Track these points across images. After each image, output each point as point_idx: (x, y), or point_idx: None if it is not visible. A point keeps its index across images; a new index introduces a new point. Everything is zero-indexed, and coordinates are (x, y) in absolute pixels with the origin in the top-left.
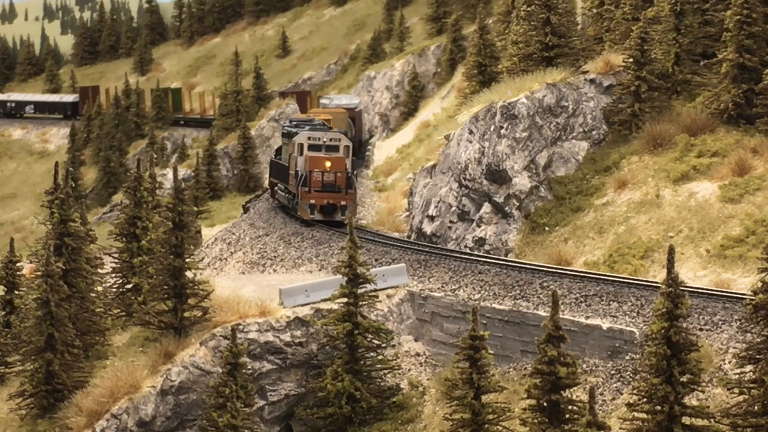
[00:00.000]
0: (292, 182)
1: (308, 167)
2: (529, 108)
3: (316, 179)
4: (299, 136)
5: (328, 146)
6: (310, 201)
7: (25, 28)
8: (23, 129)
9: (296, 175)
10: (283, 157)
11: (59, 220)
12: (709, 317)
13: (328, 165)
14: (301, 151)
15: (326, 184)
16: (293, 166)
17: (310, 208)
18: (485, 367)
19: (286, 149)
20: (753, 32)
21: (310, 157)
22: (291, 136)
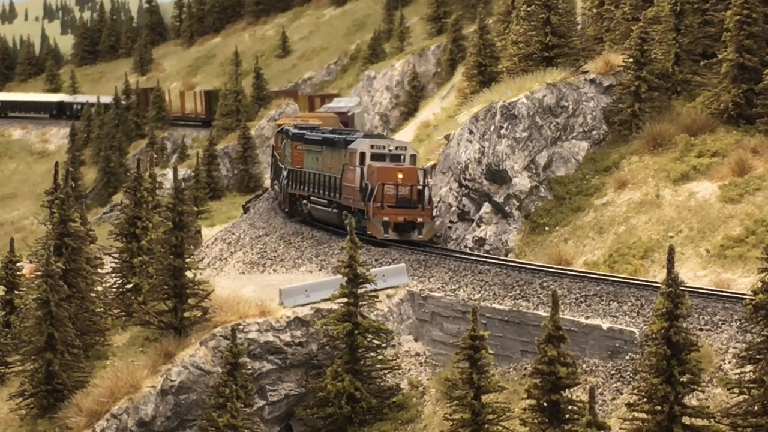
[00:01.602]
0: (351, 196)
1: (378, 180)
2: (529, 108)
3: (389, 193)
4: (358, 143)
5: (392, 155)
6: (384, 218)
7: (25, 28)
8: (23, 129)
9: (361, 188)
10: (284, 155)
11: (59, 220)
12: (709, 317)
13: (400, 177)
14: (363, 160)
15: (401, 198)
16: (350, 178)
17: (383, 227)
18: (485, 367)
19: (287, 150)
20: (753, 32)
21: (379, 169)
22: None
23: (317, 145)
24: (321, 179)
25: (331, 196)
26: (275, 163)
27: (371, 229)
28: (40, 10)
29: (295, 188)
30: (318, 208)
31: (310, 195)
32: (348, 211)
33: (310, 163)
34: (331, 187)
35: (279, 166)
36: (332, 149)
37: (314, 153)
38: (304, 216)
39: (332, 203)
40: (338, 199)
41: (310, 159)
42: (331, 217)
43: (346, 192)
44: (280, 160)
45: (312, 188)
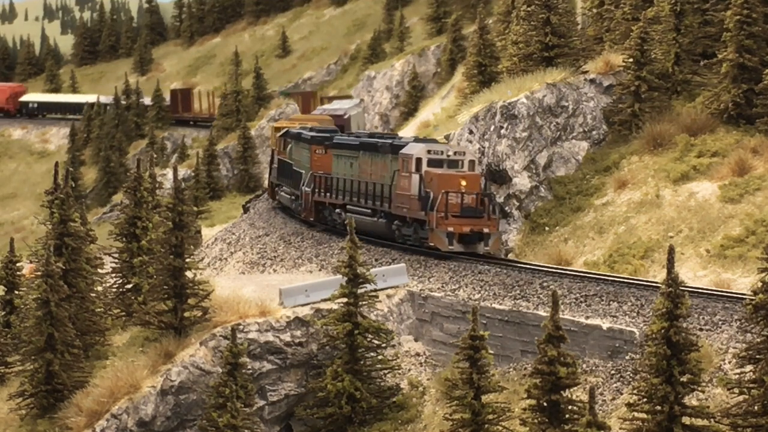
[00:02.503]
0: (405, 205)
1: (440, 187)
2: (529, 108)
3: (453, 202)
4: (412, 148)
5: (450, 161)
6: (448, 229)
7: (25, 28)
8: (23, 129)
9: (419, 196)
10: (299, 160)
11: (59, 220)
12: (709, 317)
13: (463, 184)
14: (419, 167)
15: (466, 208)
16: (404, 185)
17: (447, 238)
18: (485, 367)
19: (302, 154)
20: (753, 32)
21: (440, 176)
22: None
23: (352, 149)
24: (360, 187)
25: (375, 205)
26: (282, 167)
27: (434, 241)
28: (40, 10)
29: (324, 196)
30: (359, 218)
31: (347, 204)
32: (400, 221)
33: (342, 169)
34: (376, 196)
35: (291, 169)
36: (373, 154)
37: (347, 158)
38: (335, 226)
39: (377, 213)
40: (387, 209)
41: (342, 165)
42: (378, 227)
43: (398, 200)
44: (295, 165)
45: (348, 196)
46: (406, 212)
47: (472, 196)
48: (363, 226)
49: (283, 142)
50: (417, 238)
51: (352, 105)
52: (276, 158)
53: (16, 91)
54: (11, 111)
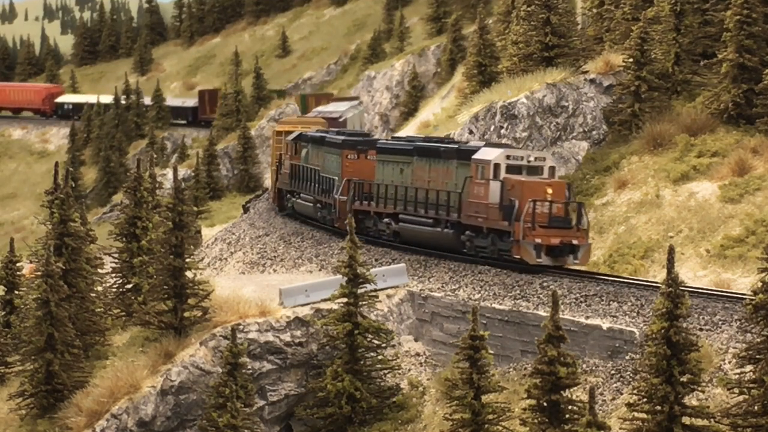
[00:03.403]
0: (481, 214)
1: (526, 195)
2: (529, 108)
3: (541, 212)
4: (489, 153)
5: (530, 167)
6: (536, 240)
7: (25, 28)
8: (23, 129)
9: (501, 205)
10: (325, 166)
11: (59, 220)
12: (709, 317)
13: (550, 192)
14: (497, 173)
15: (555, 218)
16: (479, 193)
17: (535, 250)
18: (485, 367)
19: (327, 159)
20: (753, 32)
21: (525, 183)
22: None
23: (402, 155)
24: (416, 195)
25: (439, 214)
26: (298, 173)
27: (520, 253)
28: (40, 10)
29: (365, 204)
30: (417, 228)
31: (399, 213)
32: (473, 231)
33: (389, 176)
34: (440, 205)
35: (316, 176)
36: (433, 160)
37: (396, 164)
38: (380, 236)
39: (441, 222)
40: (455, 218)
41: (389, 171)
42: (442, 238)
43: (472, 209)
44: (322, 171)
45: (400, 205)
46: (482, 222)
47: (561, 205)
48: (421, 237)
49: (295, 146)
50: (494, 250)
51: (348, 107)
52: (288, 163)
53: (53, 92)
54: (47, 112)
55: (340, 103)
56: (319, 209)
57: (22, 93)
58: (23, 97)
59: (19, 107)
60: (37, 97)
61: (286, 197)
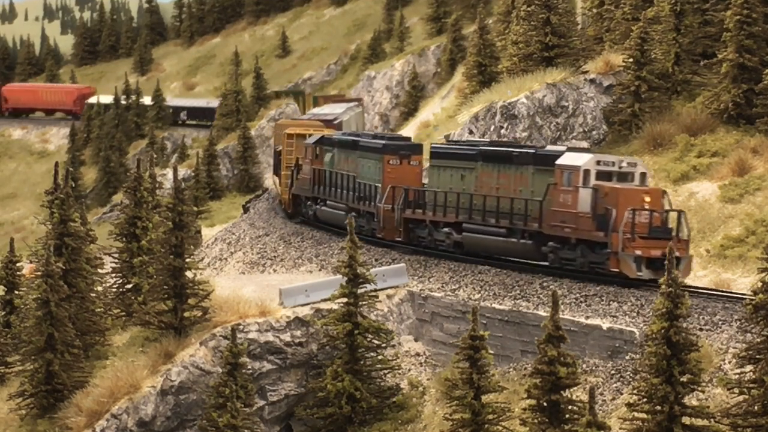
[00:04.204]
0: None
1: (622, 204)
2: (529, 108)
3: (641, 221)
4: (577, 159)
5: (620, 173)
6: (636, 252)
7: (25, 28)
8: (23, 129)
9: (594, 215)
10: (361, 172)
11: (59, 220)
12: (709, 317)
13: (647, 200)
14: (587, 180)
15: (655, 228)
16: (565, 201)
17: (636, 263)
18: (485, 367)
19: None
20: (753, 32)
21: (621, 191)
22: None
23: (465, 160)
24: (485, 203)
25: (514, 223)
26: (323, 178)
27: (619, 266)
28: (40, 10)
29: (420, 213)
30: (486, 238)
31: (463, 222)
32: (558, 242)
33: (447, 182)
34: (514, 213)
35: (350, 182)
36: (504, 165)
37: (456, 169)
38: (436, 246)
39: (517, 232)
40: (535, 227)
41: (447, 177)
42: (518, 248)
43: (556, 219)
44: (359, 177)
45: (464, 214)
46: (570, 232)
47: (661, 215)
48: (492, 248)
49: (316, 150)
50: (584, 262)
51: (344, 109)
52: (308, 168)
53: (84, 93)
54: (78, 113)
55: (337, 105)
56: (354, 218)
57: (54, 94)
58: (55, 98)
59: (51, 108)
60: (68, 98)
61: (306, 204)
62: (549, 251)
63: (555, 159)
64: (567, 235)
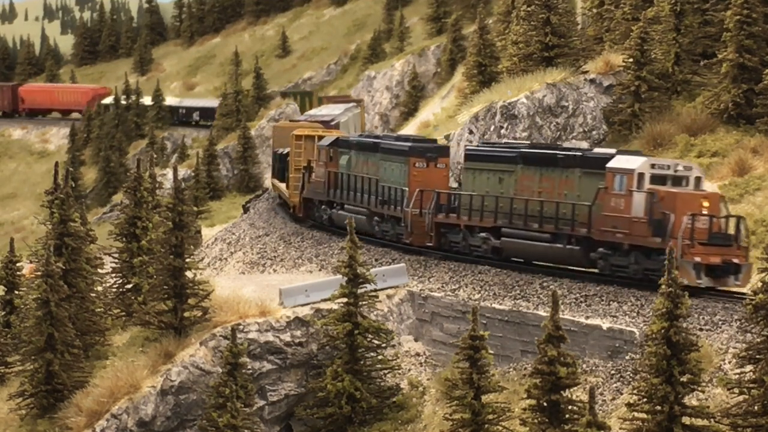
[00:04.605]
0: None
1: (682, 209)
2: (529, 108)
3: (700, 227)
4: (630, 162)
5: (675, 177)
6: (695, 259)
7: (25, 28)
8: (23, 129)
9: (649, 219)
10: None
11: (59, 220)
12: (709, 317)
13: (706, 205)
14: (640, 184)
15: (715, 234)
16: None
17: (695, 270)
18: (485, 367)
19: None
20: (753, 32)
21: (678, 195)
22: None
23: (503, 162)
24: (526, 207)
25: (560, 228)
26: (341, 181)
27: (681, 273)
28: (40, 10)
29: (454, 218)
30: (528, 243)
31: (502, 227)
32: (609, 248)
33: (483, 185)
34: (561, 218)
35: (374, 186)
36: (546, 168)
37: (493, 172)
38: (469, 252)
39: (563, 238)
40: (583, 233)
41: (483, 180)
42: (564, 255)
43: (607, 224)
44: (382, 181)
45: (503, 218)
46: (623, 238)
47: (721, 220)
48: (535, 254)
49: (330, 153)
50: (638, 269)
51: (343, 110)
52: (322, 171)
53: (99, 93)
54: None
55: (335, 106)
56: (377, 223)
57: (70, 94)
58: (71, 99)
59: (67, 109)
60: (83, 98)
61: (320, 208)
62: (599, 257)
63: (604, 162)
64: (619, 241)
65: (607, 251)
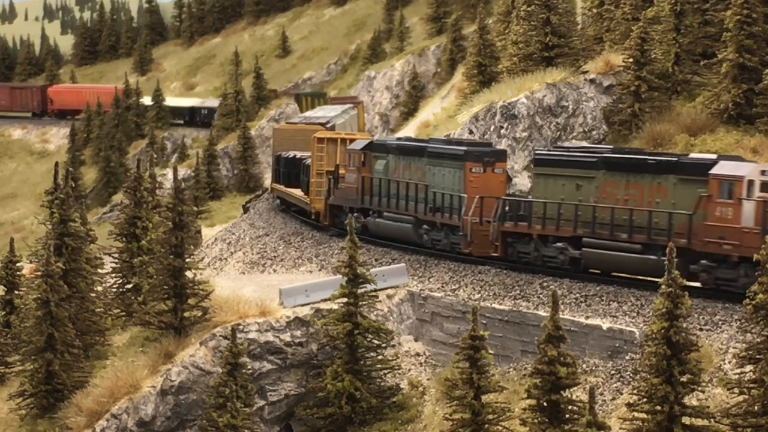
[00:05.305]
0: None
1: None
2: (529, 108)
3: None
4: (738, 168)
5: None
6: None
7: (25, 28)
8: (23, 129)
9: (764, 231)
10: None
11: (59, 220)
12: (709, 317)
13: None
14: (750, 192)
15: None
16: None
17: None
18: (485, 367)
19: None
20: (753, 32)
21: None
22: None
23: (582, 168)
24: (613, 216)
25: (653, 239)
26: (379, 187)
27: None
28: (40, 10)
29: (524, 226)
30: (615, 255)
31: (584, 236)
32: (712, 260)
33: (558, 192)
34: (654, 228)
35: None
36: (635, 174)
37: (570, 178)
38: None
39: (656, 249)
40: (683, 244)
41: (558, 186)
42: (658, 267)
43: (712, 234)
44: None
45: (585, 227)
46: (731, 250)
47: None
48: (624, 264)
49: (362, 157)
50: (749, 283)
51: (339, 111)
52: (354, 176)
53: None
54: None
55: (331, 108)
56: (426, 231)
57: (97, 95)
58: (90, 100)
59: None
60: (110, 98)
61: (353, 215)
62: (701, 270)
63: (704, 168)
64: (726, 253)
65: (711, 263)
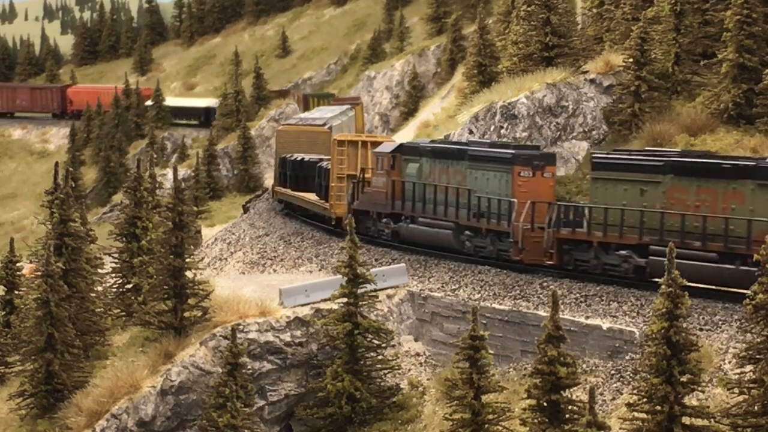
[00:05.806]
0: None
1: None
2: (529, 108)
3: None
4: None
5: None
6: None
7: (25, 28)
8: (23, 129)
9: None
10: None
11: (59, 220)
12: (709, 317)
13: None
14: None
15: None
16: None
17: None
18: (485, 367)
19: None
20: (753, 32)
21: None
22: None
23: (646, 172)
24: (683, 223)
25: (730, 248)
26: (412, 192)
27: None
28: (40, 10)
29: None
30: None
31: (651, 244)
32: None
33: (619, 198)
34: (731, 236)
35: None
36: (707, 179)
37: (633, 183)
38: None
39: (735, 258)
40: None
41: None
42: (737, 277)
43: None
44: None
45: (652, 235)
46: None
47: None
48: (698, 274)
49: (391, 160)
50: None
51: (336, 113)
52: (383, 180)
53: (145, 95)
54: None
55: (328, 108)
56: (468, 238)
57: (108, 95)
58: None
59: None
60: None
61: (380, 221)
62: None
63: None
64: None
65: None
